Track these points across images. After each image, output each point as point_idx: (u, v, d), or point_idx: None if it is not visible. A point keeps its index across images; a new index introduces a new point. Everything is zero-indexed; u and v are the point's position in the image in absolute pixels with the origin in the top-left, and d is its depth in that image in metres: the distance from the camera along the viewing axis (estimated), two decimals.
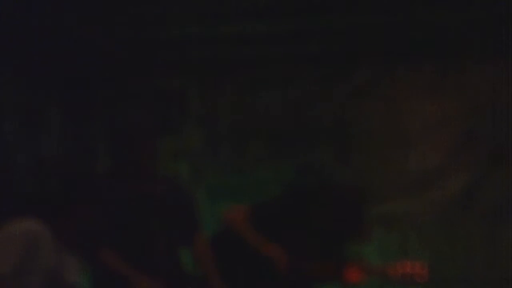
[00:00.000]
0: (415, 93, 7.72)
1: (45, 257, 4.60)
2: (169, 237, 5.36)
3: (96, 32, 6.81)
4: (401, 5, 7.12)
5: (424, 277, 5.95)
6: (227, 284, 5.62)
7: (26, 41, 6.52)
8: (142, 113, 6.92)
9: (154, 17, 7.13)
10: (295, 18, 7.34)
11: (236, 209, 6.06)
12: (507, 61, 7.39)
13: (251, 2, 7.12)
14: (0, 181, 6.30)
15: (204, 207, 6.35)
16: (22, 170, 6.89)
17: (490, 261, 7.41)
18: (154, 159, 5.57)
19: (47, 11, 6.24)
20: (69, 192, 5.12)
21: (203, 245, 5.67)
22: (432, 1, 7.04)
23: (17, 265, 4.46)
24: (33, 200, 5.51)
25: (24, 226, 4.57)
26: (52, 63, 6.96)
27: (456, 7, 7.07)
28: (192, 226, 5.70)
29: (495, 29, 7.14)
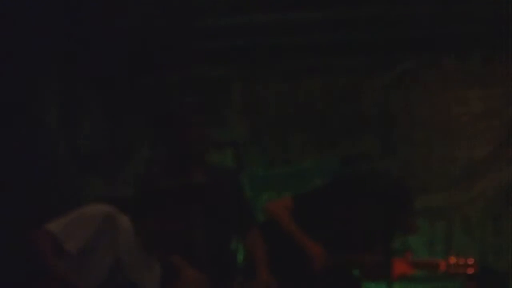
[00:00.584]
0: (461, 83, 7.70)
1: (114, 244, 4.63)
2: (221, 227, 5.33)
3: (139, 24, 6.91)
4: None
5: (472, 270, 5.91)
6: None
7: (67, 35, 6.65)
8: (189, 102, 6.97)
9: (196, 7, 7.26)
10: (337, 7, 7.43)
11: (279, 200, 6.12)
12: None
13: None
14: (44, 173, 6.30)
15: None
16: (65, 162, 6.96)
17: None
18: (205, 147, 5.53)
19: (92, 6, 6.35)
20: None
21: (256, 237, 5.65)
22: None
23: (85, 246, 4.48)
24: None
25: (98, 208, 4.60)
26: (94, 53, 7.08)
27: None
28: (245, 217, 5.67)
29: None
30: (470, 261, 5.93)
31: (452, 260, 5.94)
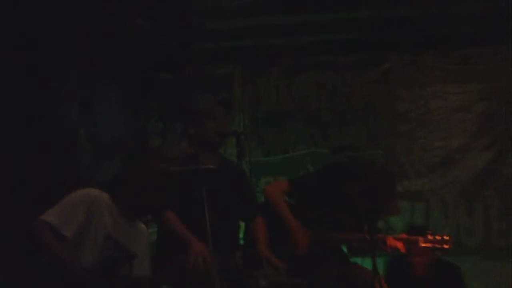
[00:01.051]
0: (439, 80, 7.74)
1: (102, 221, 4.62)
2: (227, 208, 5.27)
3: (158, 28, 6.83)
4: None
5: (448, 246, 5.84)
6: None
7: (90, 36, 6.50)
8: (201, 96, 6.93)
9: (205, 11, 7.19)
10: (330, 12, 7.36)
11: (276, 183, 6.11)
12: None
13: None
14: (66, 158, 6.32)
15: None
16: (84, 148, 6.95)
17: (505, 232, 7.44)
18: (219, 139, 5.53)
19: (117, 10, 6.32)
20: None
21: (260, 224, 5.64)
22: None
23: (79, 229, 4.48)
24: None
25: (84, 192, 4.61)
26: (116, 54, 6.99)
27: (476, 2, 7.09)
28: (251, 207, 5.69)
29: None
30: (446, 238, 5.81)
31: (430, 237, 5.84)
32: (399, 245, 5.82)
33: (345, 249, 6.18)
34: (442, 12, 7.31)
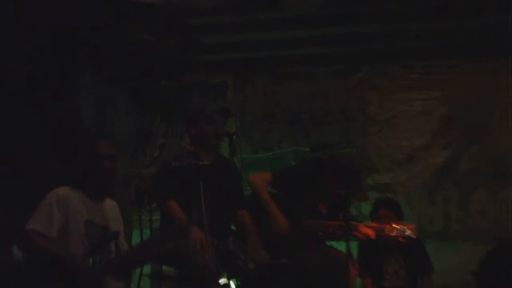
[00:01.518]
0: (404, 87, 7.83)
1: (78, 212, 4.59)
2: (221, 199, 5.36)
3: (161, 42, 6.85)
4: (395, 18, 7.22)
5: (412, 233, 6.01)
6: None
7: (105, 49, 6.62)
8: (196, 101, 7.03)
9: (202, 28, 7.28)
10: (309, 28, 7.45)
11: (260, 174, 6.14)
12: (479, 62, 7.57)
13: (274, 18, 7.24)
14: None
15: None
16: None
17: (462, 219, 7.56)
18: (219, 141, 5.67)
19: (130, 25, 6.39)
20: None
21: (245, 213, 5.65)
22: (419, 15, 7.09)
23: (62, 225, 4.49)
24: None
25: (55, 192, 4.61)
26: (125, 64, 7.07)
27: (437, 19, 7.20)
28: (239, 194, 5.81)
29: (468, 37, 7.35)
30: (410, 226, 6.01)
31: (396, 225, 6.00)
32: (370, 232, 5.94)
33: (321, 234, 6.20)
34: (406, 29, 7.35)
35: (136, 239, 5.72)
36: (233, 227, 5.75)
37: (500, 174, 7.54)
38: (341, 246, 5.91)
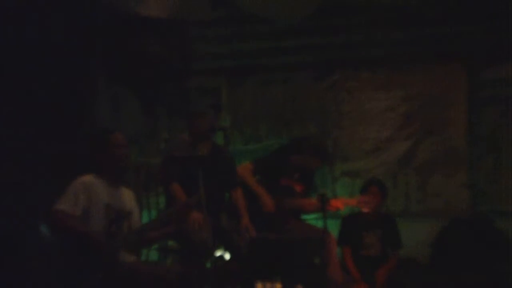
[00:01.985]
0: (372, 88, 7.87)
1: (99, 196, 4.61)
2: (216, 184, 5.41)
3: (166, 52, 6.83)
4: (363, 31, 7.55)
5: (373, 205, 6.22)
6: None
7: (119, 58, 6.63)
8: (195, 101, 6.88)
9: (200, 39, 7.47)
10: (290, 39, 7.72)
11: (244, 165, 6.16)
12: (434, 67, 7.69)
13: (261, 31, 7.55)
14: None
15: None
16: None
17: (421, 200, 7.70)
18: (211, 132, 5.71)
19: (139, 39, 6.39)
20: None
21: (239, 194, 5.78)
22: (383, 27, 7.43)
23: (84, 207, 4.51)
24: None
25: (82, 179, 4.60)
26: (135, 70, 7.05)
27: (397, 31, 7.50)
28: (233, 177, 5.85)
29: (425, 45, 7.54)
30: (366, 198, 6.18)
31: (364, 199, 6.19)
32: (339, 204, 6.05)
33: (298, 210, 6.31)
34: (373, 39, 7.57)
35: (145, 218, 5.65)
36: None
37: (453, 162, 7.59)
38: (319, 223, 6.15)
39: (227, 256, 5.27)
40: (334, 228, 6.46)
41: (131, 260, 4.71)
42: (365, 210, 6.32)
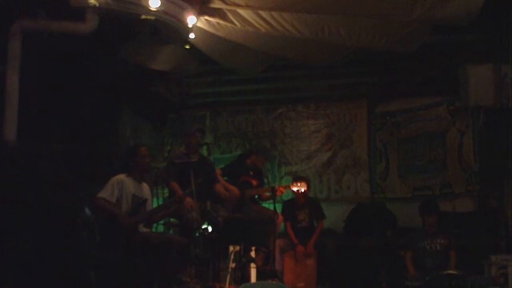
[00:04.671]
0: (305, 118, 7.87)
1: (128, 189, 4.56)
2: (204, 180, 5.16)
3: (168, 92, 6.58)
4: (299, 79, 7.55)
5: (304, 189, 6.08)
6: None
7: (138, 96, 6.38)
8: (188, 125, 6.84)
9: (192, 84, 7.23)
10: (252, 85, 7.71)
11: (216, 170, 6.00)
12: (346, 102, 7.62)
13: (233, 79, 7.43)
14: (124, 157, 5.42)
15: None
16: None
17: (338, 191, 7.62)
18: (199, 147, 5.60)
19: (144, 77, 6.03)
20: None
21: (220, 187, 5.63)
22: (312, 78, 7.38)
23: (118, 196, 4.51)
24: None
25: (117, 177, 4.59)
26: (148, 105, 6.83)
27: (321, 80, 7.43)
28: (214, 179, 5.71)
29: (343, 90, 7.58)
30: (303, 183, 6.08)
31: (298, 185, 6.10)
32: (282, 189, 6.08)
33: (256, 198, 6.31)
34: (306, 85, 7.63)
35: (155, 204, 5.43)
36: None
37: (358, 165, 7.60)
38: (270, 206, 5.95)
39: (210, 229, 5.10)
40: (279, 209, 6.43)
41: (145, 231, 4.67)
42: (298, 192, 6.17)
